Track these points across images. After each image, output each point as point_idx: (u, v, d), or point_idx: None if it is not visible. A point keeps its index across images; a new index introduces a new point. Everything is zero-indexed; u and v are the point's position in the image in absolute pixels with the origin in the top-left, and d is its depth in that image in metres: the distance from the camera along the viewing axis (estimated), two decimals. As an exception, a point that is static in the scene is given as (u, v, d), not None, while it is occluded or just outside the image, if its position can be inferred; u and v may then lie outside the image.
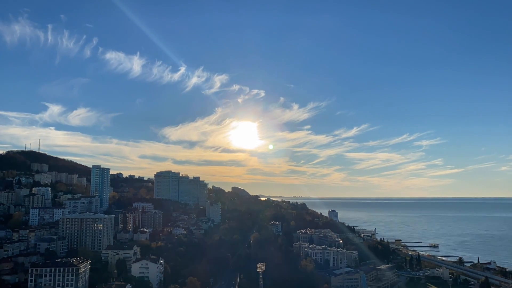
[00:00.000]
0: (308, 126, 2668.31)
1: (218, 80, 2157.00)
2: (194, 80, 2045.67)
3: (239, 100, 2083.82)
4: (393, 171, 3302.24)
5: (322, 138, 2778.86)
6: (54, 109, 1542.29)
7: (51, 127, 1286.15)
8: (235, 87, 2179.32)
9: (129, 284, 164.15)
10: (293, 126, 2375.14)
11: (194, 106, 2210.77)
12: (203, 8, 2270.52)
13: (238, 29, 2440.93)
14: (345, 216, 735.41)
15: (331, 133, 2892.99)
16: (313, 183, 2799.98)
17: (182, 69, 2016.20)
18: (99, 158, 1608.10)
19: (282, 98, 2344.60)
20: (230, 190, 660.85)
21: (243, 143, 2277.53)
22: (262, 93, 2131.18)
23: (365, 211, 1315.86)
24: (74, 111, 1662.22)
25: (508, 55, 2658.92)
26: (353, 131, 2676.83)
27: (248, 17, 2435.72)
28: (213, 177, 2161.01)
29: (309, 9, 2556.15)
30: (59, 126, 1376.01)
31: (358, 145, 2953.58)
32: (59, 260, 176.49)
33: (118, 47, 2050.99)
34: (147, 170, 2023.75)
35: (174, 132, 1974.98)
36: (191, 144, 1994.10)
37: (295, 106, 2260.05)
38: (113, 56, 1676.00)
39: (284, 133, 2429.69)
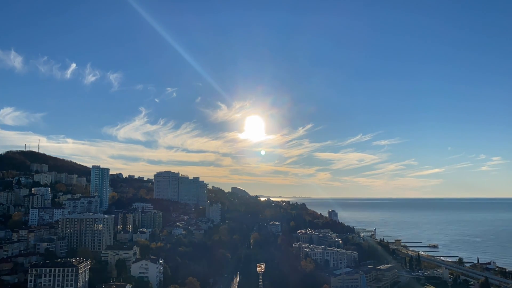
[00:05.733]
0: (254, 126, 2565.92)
1: (113, 78, 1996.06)
2: (90, 78, 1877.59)
3: (156, 100, 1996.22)
4: (373, 171, 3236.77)
5: (278, 138, 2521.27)
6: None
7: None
8: (139, 86, 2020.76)
9: (128, 285, 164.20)
10: (231, 127, 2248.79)
11: (114, 105, 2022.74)
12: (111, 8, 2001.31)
13: (143, 28, 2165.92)
14: (343, 216, 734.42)
15: (279, 133, 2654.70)
16: (305, 183, 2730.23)
17: (73, 66, 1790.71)
18: (72, 158, 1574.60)
19: (199, 98, 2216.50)
20: (229, 190, 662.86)
21: (199, 143, 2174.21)
22: (174, 93, 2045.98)
23: (362, 211, 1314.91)
24: (1, 110, 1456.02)
25: (454, 48, 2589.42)
26: (301, 131, 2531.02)
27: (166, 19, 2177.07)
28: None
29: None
30: (2, 126, 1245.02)
31: (319, 145, 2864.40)
32: (58, 260, 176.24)
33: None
34: (126, 171, 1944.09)
35: (116, 132, 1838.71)
36: (147, 144, 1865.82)
37: (224, 106, 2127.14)
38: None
39: (232, 133, 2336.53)
